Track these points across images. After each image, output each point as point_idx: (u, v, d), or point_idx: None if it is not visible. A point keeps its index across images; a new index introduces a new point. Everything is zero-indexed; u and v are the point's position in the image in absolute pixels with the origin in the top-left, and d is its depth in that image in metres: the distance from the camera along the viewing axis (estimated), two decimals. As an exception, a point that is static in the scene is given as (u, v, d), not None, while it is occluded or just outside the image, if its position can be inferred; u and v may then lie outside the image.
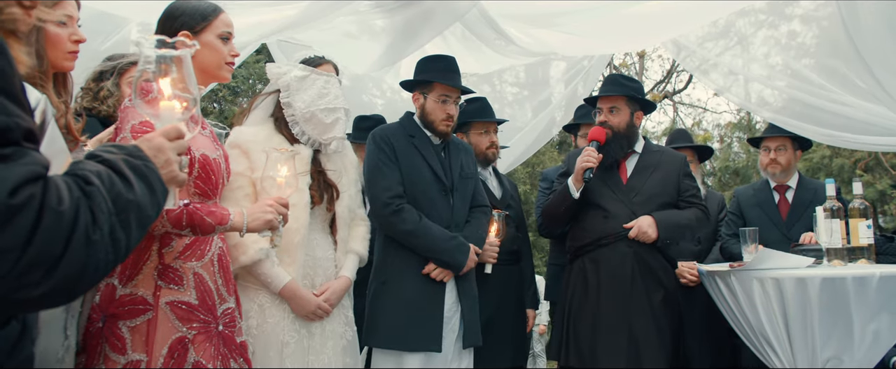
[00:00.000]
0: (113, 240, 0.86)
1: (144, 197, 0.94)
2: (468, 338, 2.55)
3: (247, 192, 2.04)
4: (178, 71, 1.19)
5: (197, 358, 1.64)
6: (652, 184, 2.86)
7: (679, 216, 2.83)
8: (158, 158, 1.06)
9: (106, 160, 0.93)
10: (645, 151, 2.95)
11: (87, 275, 0.83)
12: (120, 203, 0.89)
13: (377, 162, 2.55)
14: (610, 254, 2.78)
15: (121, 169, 0.93)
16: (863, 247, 2.49)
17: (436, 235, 2.48)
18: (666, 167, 2.91)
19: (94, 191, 0.85)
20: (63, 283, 0.80)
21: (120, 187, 0.90)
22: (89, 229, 0.82)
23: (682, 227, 2.84)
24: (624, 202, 2.83)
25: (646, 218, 2.76)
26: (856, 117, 3.23)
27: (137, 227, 0.92)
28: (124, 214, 0.89)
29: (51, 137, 0.97)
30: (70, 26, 1.46)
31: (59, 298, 0.83)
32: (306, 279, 2.13)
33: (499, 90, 4.89)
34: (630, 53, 11.39)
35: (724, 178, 9.76)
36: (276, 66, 2.26)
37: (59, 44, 1.43)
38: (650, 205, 2.81)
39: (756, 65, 3.71)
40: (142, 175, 0.96)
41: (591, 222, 2.85)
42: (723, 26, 3.86)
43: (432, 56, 2.82)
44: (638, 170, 2.90)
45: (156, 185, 0.99)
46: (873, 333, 2.25)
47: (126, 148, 1.00)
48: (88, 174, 0.87)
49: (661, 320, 2.72)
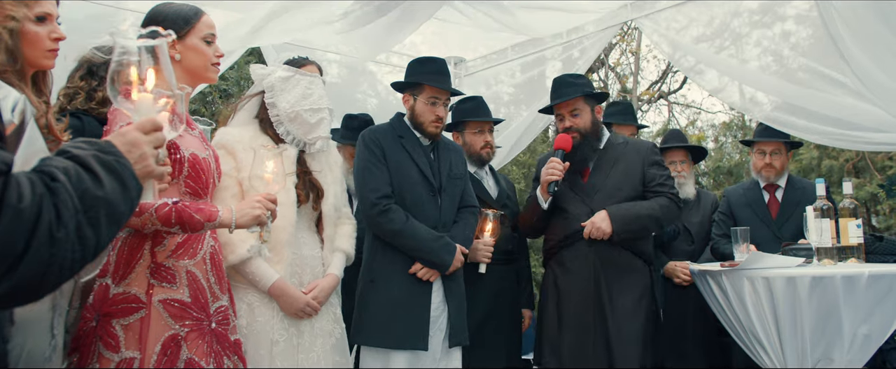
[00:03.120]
0: (80, 237, 0.84)
1: (115, 193, 0.92)
2: (454, 337, 2.57)
3: (234, 192, 2.05)
4: (155, 62, 1.17)
5: (190, 355, 1.65)
6: (614, 179, 2.79)
7: (638, 207, 2.72)
8: (132, 153, 1.02)
9: (74, 156, 0.91)
10: (607, 146, 2.87)
11: (52, 273, 0.81)
12: (87, 199, 0.86)
13: (366, 162, 2.58)
14: (572, 255, 2.76)
15: (89, 164, 0.91)
16: (852, 247, 2.50)
17: (422, 235, 2.50)
18: (629, 158, 2.82)
19: (59, 187, 0.83)
20: (25, 282, 0.78)
21: (88, 183, 0.88)
22: (53, 226, 0.80)
23: (641, 218, 2.70)
24: (583, 201, 2.79)
25: (599, 213, 2.68)
26: (850, 117, 3.24)
27: (108, 224, 0.89)
28: (93, 211, 0.87)
29: (30, 137, 0.96)
30: (49, 24, 1.44)
31: (22, 297, 0.81)
32: (294, 277, 2.15)
33: (495, 90, 4.90)
34: (625, 53, 11.41)
35: (719, 178, 9.79)
36: (260, 67, 2.28)
37: (38, 42, 1.41)
38: (611, 200, 2.73)
39: (750, 65, 3.72)
40: (113, 170, 0.94)
41: (555, 224, 2.85)
42: (717, 27, 3.87)
43: (422, 58, 2.85)
44: (598, 166, 2.83)
45: (129, 181, 0.97)
46: (863, 332, 2.27)
47: (97, 143, 0.98)
48: (54, 170, 0.85)
49: (632, 319, 2.66)
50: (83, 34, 2.61)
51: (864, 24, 2.80)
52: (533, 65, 4.62)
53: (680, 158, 3.51)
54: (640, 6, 3.82)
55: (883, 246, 2.58)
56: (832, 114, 3.20)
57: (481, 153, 3.14)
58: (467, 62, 4.82)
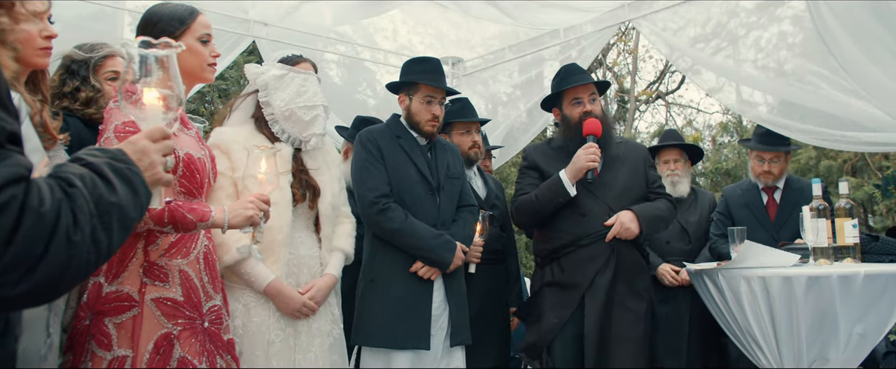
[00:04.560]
0: (94, 241, 0.87)
1: (127, 199, 0.96)
2: (456, 336, 2.56)
3: (229, 193, 2.05)
4: (164, 71, 1.20)
5: (182, 353, 1.65)
6: (623, 178, 2.74)
7: (655, 208, 2.71)
8: (142, 161, 1.07)
9: (89, 163, 0.95)
10: (604, 144, 2.74)
11: (69, 275, 0.84)
12: (102, 205, 0.90)
13: (364, 162, 2.57)
14: (591, 254, 2.65)
15: (104, 172, 0.95)
16: (848, 247, 2.50)
17: (422, 233, 2.50)
18: (633, 159, 2.80)
19: (76, 193, 0.86)
20: (44, 283, 0.81)
21: (102, 190, 0.92)
22: (70, 230, 0.83)
23: (660, 219, 2.72)
24: (600, 199, 2.70)
25: (626, 213, 2.64)
26: (847, 117, 3.24)
27: (120, 229, 0.93)
28: (106, 216, 0.90)
29: (25, 136, 0.97)
30: (40, 22, 1.44)
31: (39, 298, 0.84)
32: (291, 277, 2.14)
33: (493, 90, 4.91)
34: (622, 53, 11.43)
35: (716, 179, 9.80)
36: (254, 66, 2.28)
37: (29, 41, 1.41)
38: (624, 199, 2.70)
39: (747, 65, 3.73)
40: (125, 178, 0.98)
41: (568, 222, 2.70)
42: (714, 27, 3.88)
43: (418, 58, 2.86)
44: (607, 163, 2.73)
45: (139, 188, 1.01)
46: (858, 331, 2.27)
47: (110, 151, 1.02)
48: (71, 177, 0.89)
49: (639, 319, 2.64)
50: (83, 34, 2.61)
51: (861, 24, 2.81)
52: (531, 65, 4.63)
53: (674, 157, 3.52)
54: (638, 6, 3.83)
55: (879, 245, 2.58)
56: (829, 114, 3.21)
57: (469, 153, 3.14)
58: (465, 62, 4.83)
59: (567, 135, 2.78)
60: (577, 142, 2.69)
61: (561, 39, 4.28)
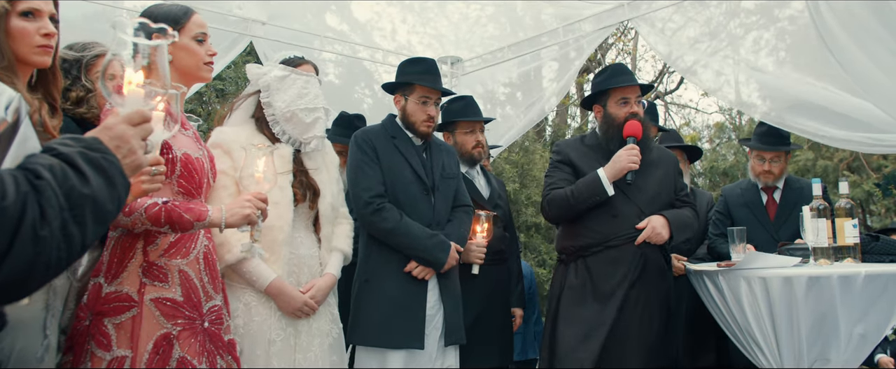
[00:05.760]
0: (65, 235, 0.83)
1: (101, 191, 0.90)
2: (451, 336, 2.57)
3: (231, 192, 2.05)
4: (152, 60, 1.15)
5: (182, 354, 1.64)
6: (655, 183, 2.74)
7: (684, 216, 2.73)
8: (121, 148, 1.00)
9: (60, 153, 0.89)
10: (643, 148, 2.73)
11: (37, 271, 0.80)
12: (73, 197, 0.85)
13: (359, 162, 2.58)
14: (619, 256, 2.62)
15: (76, 162, 0.89)
16: (849, 247, 2.49)
17: (416, 233, 2.50)
18: (665, 165, 2.80)
19: (43, 185, 0.82)
20: (10, 280, 0.78)
21: (74, 181, 0.87)
22: (37, 225, 0.79)
23: (688, 227, 2.73)
24: (632, 201, 2.69)
25: (658, 218, 2.63)
26: (847, 116, 3.24)
27: (94, 223, 0.88)
28: (78, 209, 0.85)
29: (23, 136, 0.95)
30: (38, 20, 1.42)
31: (7, 295, 0.81)
32: (291, 276, 2.14)
33: (491, 90, 4.90)
34: (621, 53, 11.43)
35: (714, 179, 9.81)
36: (255, 66, 2.29)
37: (25, 37, 1.39)
38: (655, 204, 2.70)
39: (746, 65, 3.73)
40: (100, 168, 0.92)
41: (598, 221, 2.67)
42: (713, 27, 3.88)
43: (413, 58, 2.86)
44: (642, 167, 2.67)
45: (115, 178, 0.95)
46: (859, 331, 2.27)
47: (84, 140, 0.96)
48: (39, 168, 0.84)
49: (661, 322, 2.64)
50: (83, 34, 2.60)
51: (862, 24, 2.81)
52: (529, 64, 4.62)
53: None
54: (637, 6, 3.83)
55: (879, 245, 2.57)
56: (829, 114, 3.21)
57: (473, 153, 3.13)
58: (464, 62, 4.82)
59: (608, 135, 2.75)
60: (618, 142, 2.68)
61: (560, 39, 4.27)
